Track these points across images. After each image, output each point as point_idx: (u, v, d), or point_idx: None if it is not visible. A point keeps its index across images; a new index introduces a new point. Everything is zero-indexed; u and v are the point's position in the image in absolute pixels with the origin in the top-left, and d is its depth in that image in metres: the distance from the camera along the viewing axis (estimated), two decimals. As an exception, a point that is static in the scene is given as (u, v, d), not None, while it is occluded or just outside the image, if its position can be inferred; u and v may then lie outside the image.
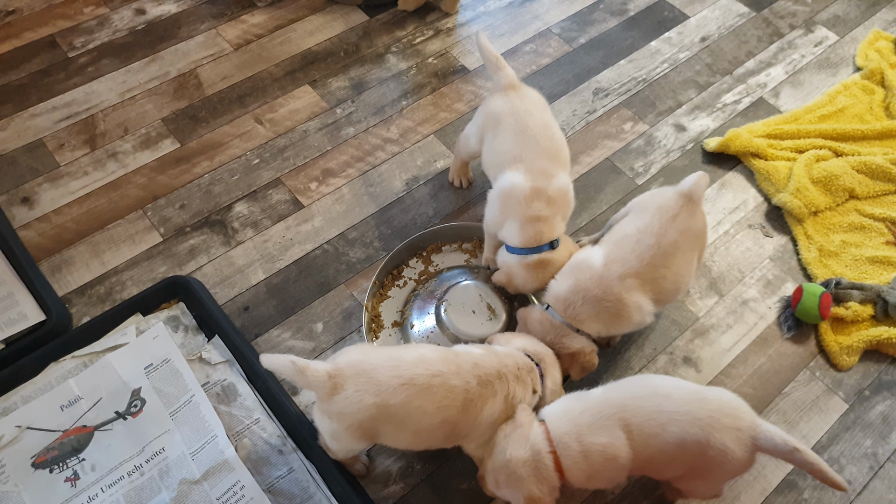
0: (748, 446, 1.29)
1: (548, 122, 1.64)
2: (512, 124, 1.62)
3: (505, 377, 1.31)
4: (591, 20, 2.46)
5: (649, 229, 1.47)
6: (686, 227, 1.48)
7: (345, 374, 1.23)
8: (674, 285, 1.49)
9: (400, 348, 1.32)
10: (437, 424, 1.26)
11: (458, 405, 1.26)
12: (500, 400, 1.30)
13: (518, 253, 1.57)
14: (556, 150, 1.61)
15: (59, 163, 1.98)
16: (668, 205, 1.50)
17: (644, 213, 1.51)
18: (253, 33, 2.33)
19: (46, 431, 1.48)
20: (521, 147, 1.59)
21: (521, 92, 1.67)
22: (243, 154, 2.03)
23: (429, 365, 1.26)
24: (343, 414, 1.24)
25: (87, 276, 1.78)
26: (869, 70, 2.30)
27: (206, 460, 1.45)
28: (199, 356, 1.61)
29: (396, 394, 1.22)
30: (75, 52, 2.24)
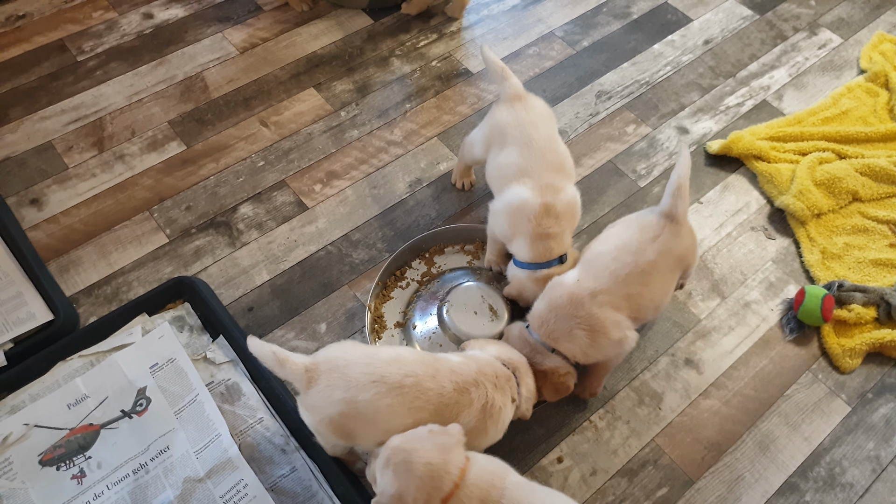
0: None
1: (552, 135, 1.65)
2: (517, 137, 1.62)
3: (482, 385, 1.31)
4: (594, 23, 2.47)
5: (627, 247, 1.47)
6: (667, 248, 1.47)
7: (320, 368, 1.26)
8: (651, 303, 1.48)
9: (379, 348, 1.33)
10: (408, 426, 1.25)
11: (430, 408, 1.26)
12: (478, 409, 1.29)
13: (527, 268, 1.59)
14: (560, 163, 1.62)
15: (67, 165, 2.01)
16: (650, 225, 1.49)
17: (626, 229, 1.52)
18: (259, 37, 2.35)
19: (53, 429, 1.50)
20: (528, 160, 1.60)
21: (526, 103, 1.68)
22: (248, 156, 2.05)
23: (403, 365, 1.27)
24: (315, 407, 1.27)
25: (94, 277, 1.80)
26: (873, 72, 2.30)
27: (210, 459, 1.47)
28: (203, 356, 1.63)
29: (365, 390, 1.23)
30: (84, 55, 2.27)
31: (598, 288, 1.44)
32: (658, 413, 1.65)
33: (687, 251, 1.52)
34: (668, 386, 1.69)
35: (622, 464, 1.58)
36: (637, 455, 1.59)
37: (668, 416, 1.64)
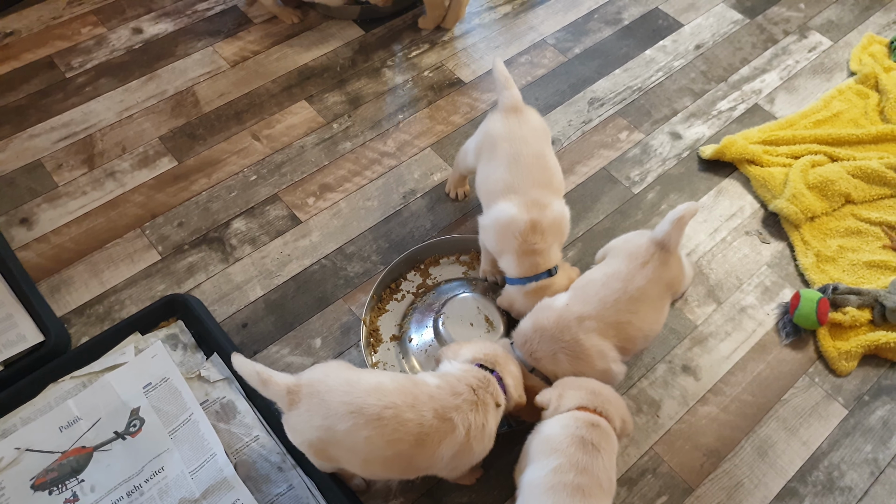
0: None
1: (542, 151, 1.64)
2: (507, 150, 1.62)
3: (462, 409, 1.28)
4: (585, 30, 2.47)
5: (617, 274, 1.46)
6: (657, 276, 1.46)
7: (302, 391, 1.26)
8: (640, 332, 1.46)
9: (362, 373, 1.31)
10: (389, 457, 1.25)
11: (410, 440, 1.24)
12: (462, 434, 1.28)
13: (517, 283, 1.59)
14: (548, 179, 1.62)
15: (57, 183, 2.00)
16: (639, 251, 1.48)
17: (615, 259, 1.51)
18: (249, 50, 2.35)
19: (45, 453, 1.49)
20: (514, 176, 1.59)
21: (522, 116, 1.67)
22: (241, 171, 2.05)
23: (382, 395, 1.25)
24: (295, 430, 1.28)
25: (86, 296, 1.79)
26: (863, 74, 2.30)
27: (206, 479, 1.46)
28: (197, 374, 1.62)
29: (343, 420, 1.22)
30: (73, 72, 2.26)
31: (586, 313, 1.43)
32: (656, 421, 1.64)
33: (674, 280, 1.51)
34: (665, 393, 1.68)
35: (621, 473, 1.57)
36: (636, 464, 1.58)
37: (667, 424, 1.63)
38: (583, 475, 1.22)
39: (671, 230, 1.45)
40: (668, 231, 1.45)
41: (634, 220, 1.97)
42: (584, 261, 1.88)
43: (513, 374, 1.40)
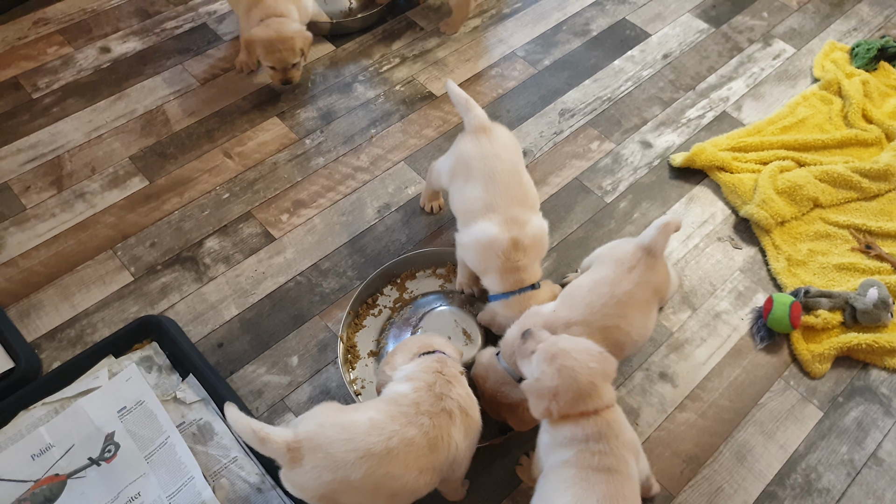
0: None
1: (516, 167, 1.65)
2: (482, 170, 1.62)
3: (444, 394, 1.31)
4: (554, 42, 2.49)
5: (604, 280, 1.47)
6: (644, 280, 1.47)
7: (303, 447, 1.22)
8: (629, 337, 1.46)
9: (351, 413, 1.29)
10: (416, 477, 1.25)
11: (425, 451, 1.26)
12: (459, 414, 1.31)
13: (500, 297, 1.59)
14: (524, 195, 1.63)
15: (25, 205, 1.96)
16: (626, 257, 1.49)
17: (601, 266, 1.52)
18: (219, 67, 2.34)
19: (17, 482, 1.45)
20: (492, 195, 1.60)
21: (491, 135, 1.67)
22: (213, 189, 2.03)
23: (381, 429, 1.24)
24: (304, 487, 1.24)
25: (56, 320, 1.76)
26: (826, 81, 2.35)
27: (184, 502, 1.43)
28: (173, 396, 1.60)
29: (356, 468, 1.21)
30: (39, 92, 2.23)
31: (574, 318, 1.44)
32: (635, 429, 1.64)
33: (661, 285, 1.51)
34: (644, 401, 1.69)
35: (602, 482, 1.57)
36: (617, 473, 1.58)
37: (646, 432, 1.64)
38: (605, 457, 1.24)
39: (657, 235, 1.47)
40: (654, 236, 1.47)
41: (608, 230, 1.99)
42: (558, 271, 1.90)
43: (446, 346, 1.47)
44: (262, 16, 2.09)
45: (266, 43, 2.07)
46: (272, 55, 2.08)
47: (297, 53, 2.12)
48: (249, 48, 2.13)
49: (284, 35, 2.07)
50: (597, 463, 1.22)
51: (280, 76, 2.15)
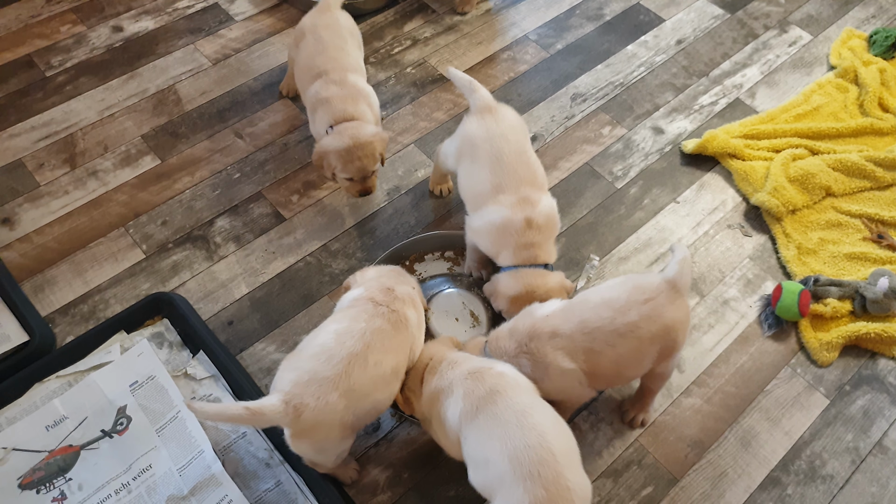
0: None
1: (523, 147, 1.65)
2: (489, 151, 1.62)
3: (394, 289, 1.41)
4: (567, 26, 2.48)
5: (612, 302, 1.38)
6: (657, 314, 1.36)
7: (297, 393, 1.24)
8: (611, 369, 1.39)
9: (314, 342, 1.33)
10: (396, 355, 1.35)
11: (392, 333, 1.35)
12: (410, 305, 1.41)
13: (510, 268, 1.59)
14: (533, 175, 1.63)
15: (39, 182, 1.98)
16: (646, 286, 1.39)
17: (619, 286, 1.42)
18: (231, 48, 2.34)
19: (32, 452, 1.48)
20: (500, 176, 1.60)
21: (497, 114, 1.67)
22: (224, 168, 2.04)
23: (351, 333, 1.31)
24: (317, 424, 1.26)
25: (70, 296, 1.78)
26: (842, 68, 2.33)
27: (194, 476, 1.45)
28: (184, 372, 1.62)
29: (349, 375, 1.27)
30: (53, 70, 2.24)
31: (561, 331, 1.38)
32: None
33: (677, 323, 1.39)
34: (650, 386, 1.70)
35: (606, 465, 1.58)
36: (621, 455, 1.60)
37: (651, 416, 1.65)
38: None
39: (681, 269, 1.38)
40: (678, 270, 1.38)
41: (618, 215, 1.99)
42: (566, 256, 1.90)
43: (414, 282, 1.52)
44: (330, 120, 1.78)
45: (343, 154, 1.74)
46: (350, 165, 1.76)
47: (377, 160, 1.81)
48: (322, 161, 1.78)
49: (362, 141, 1.75)
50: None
51: (358, 187, 1.82)
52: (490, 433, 1.21)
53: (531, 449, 1.16)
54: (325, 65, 1.82)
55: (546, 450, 1.16)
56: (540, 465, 1.15)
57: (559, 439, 1.21)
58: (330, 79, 1.81)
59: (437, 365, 1.38)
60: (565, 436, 1.24)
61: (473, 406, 1.25)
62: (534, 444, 1.16)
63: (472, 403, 1.26)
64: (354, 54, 1.90)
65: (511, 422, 1.20)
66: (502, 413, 1.22)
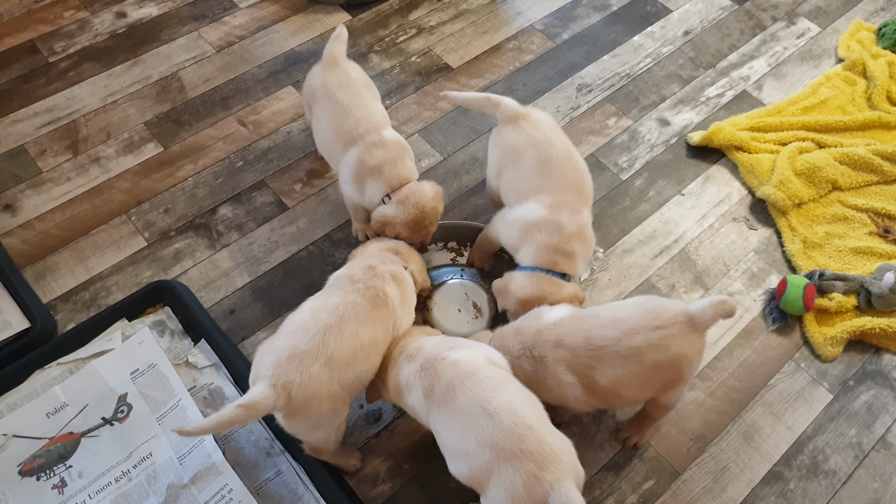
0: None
1: (570, 151, 1.62)
2: (534, 156, 1.58)
3: (377, 267, 1.43)
4: (573, 16, 2.46)
5: (620, 323, 1.33)
6: (665, 344, 1.30)
7: (281, 373, 1.25)
8: (609, 390, 1.34)
9: (293, 320, 1.35)
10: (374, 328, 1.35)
11: (369, 308, 1.36)
12: (392, 282, 1.42)
13: (527, 269, 1.54)
14: (581, 183, 1.60)
15: (41, 169, 1.97)
16: (662, 312, 1.33)
17: (633, 307, 1.37)
18: (235, 35, 2.32)
19: (33, 439, 1.48)
20: (547, 179, 1.57)
21: (532, 119, 1.63)
22: (227, 157, 2.03)
23: (326, 307, 1.34)
24: (312, 397, 1.27)
25: (71, 283, 1.77)
26: (851, 61, 2.31)
27: (194, 464, 1.45)
28: (185, 360, 1.61)
29: (326, 345, 1.28)
30: (56, 56, 2.23)
31: (565, 342, 1.34)
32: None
33: (684, 358, 1.33)
34: (652, 379, 1.69)
35: (608, 458, 1.58)
36: (623, 449, 1.59)
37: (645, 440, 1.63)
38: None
39: (708, 309, 1.31)
40: (704, 309, 1.31)
41: (622, 207, 1.98)
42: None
43: (416, 262, 1.56)
44: (386, 188, 1.66)
45: (411, 224, 1.65)
46: (418, 233, 1.68)
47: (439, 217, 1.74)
48: (385, 228, 1.67)
49: (427, 210, 1.66)
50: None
51: (417, 245, 1.73)
52: (462, 428, 1.20)
53: (507, 430, 1.16)
54: (355, 129, 1.67)
55: (522, 425, 1.16)
56: (520, 441, 1.15)
57: (530, 409, 1.21)
58: (369, 143, 1.66)
59: (399, 356, 1.36)
60: (533, 401, 1.24)
61: (435, 404, 1.25)
62: (508, 425, 1.16)
63: (433, 402, 1.25)
64: (377, 107, 1.75)
65: (478, 412, 1.19)
66: (467, 406, 1.20)
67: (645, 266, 1.87)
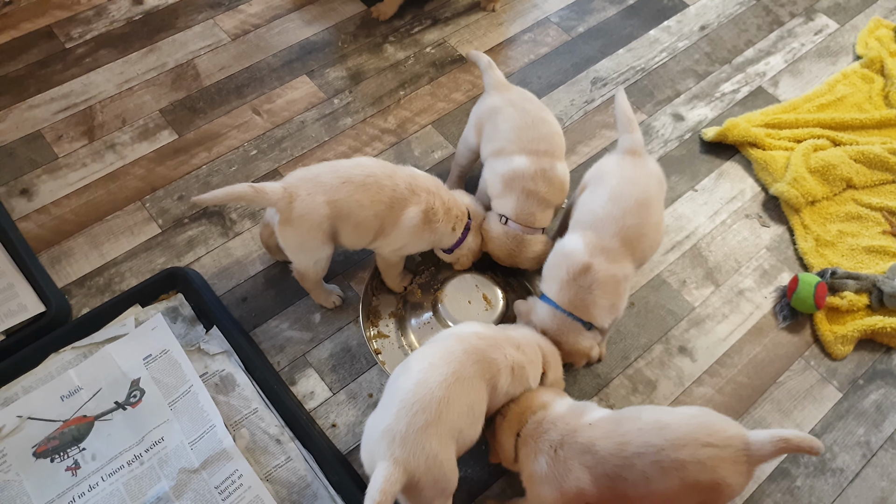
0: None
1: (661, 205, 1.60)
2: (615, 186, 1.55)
3: (433, 193, 1.56)
4: (589, 9, 2.45)
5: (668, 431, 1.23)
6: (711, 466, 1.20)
7: (295, 184, 1.48)
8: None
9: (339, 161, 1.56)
10: (370, 218, 1.51)
11: (386, 201, 1.51)
12: (421, 209, 1.54)
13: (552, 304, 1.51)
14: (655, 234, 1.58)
15: (57, 154, 1.99)
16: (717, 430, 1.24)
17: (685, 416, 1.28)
18: (251, 23, 2.33)
19: (47, 421, 1.50)
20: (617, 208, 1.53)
21: (641, 161, 1.60)
22: (241, 145, 2.04)
23: (364, 168, 1.52)
24: (302, 216, 1.46)
25: (86, 268, 1.79)
26: (869, 58, 2.29)
27: (205, 450, 1.47)
28: (197, 347, 1.63)
29: (340, 190, 1.48)
30: (73, 42, 2.24)
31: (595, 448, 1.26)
32: (652, 401, 1.65)
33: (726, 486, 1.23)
34: (661, 374, 1.69)
35: (616, 452, 1.58)
36: (631, 443, 1.59)
37: (662, 404, 1.65)
38: None
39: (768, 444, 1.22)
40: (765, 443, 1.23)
41: (635, 202, 1.97)
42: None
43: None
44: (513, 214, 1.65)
45: (494, 255, 1.70)
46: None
47: None
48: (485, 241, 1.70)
49: (517, 260, 1.68)
50: None
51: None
52: None
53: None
54: (537, 144, 1.64)
55: None
56: None
57: None
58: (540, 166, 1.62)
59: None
60: None
61: None
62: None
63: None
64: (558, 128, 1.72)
65: None
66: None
67: (656, 261, 1.87)
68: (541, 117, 1.69)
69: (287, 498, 1.45)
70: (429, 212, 1.55)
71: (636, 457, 1.21)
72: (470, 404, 1.26)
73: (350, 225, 1.51)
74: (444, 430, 1.21)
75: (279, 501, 1.43)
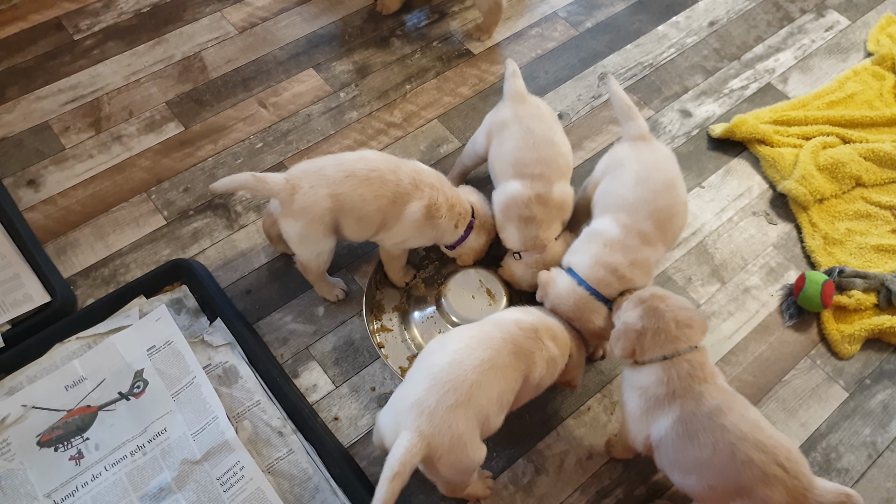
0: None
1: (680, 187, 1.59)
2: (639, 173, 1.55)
3: (436, 188, 1.56)
4: (598, 4, 2.43)
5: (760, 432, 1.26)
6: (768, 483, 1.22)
7: (298, 176, 1.49)
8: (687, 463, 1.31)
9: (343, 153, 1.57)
10: (373, 212, 1.51)
11: (389, 196, 1.51)
12: (424, 204, 1.53)
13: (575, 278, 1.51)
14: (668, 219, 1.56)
15: (64, 145, 2.00)
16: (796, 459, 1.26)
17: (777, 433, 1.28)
18: (258, 16, 2.33)
19: (51, 411, 1.51)
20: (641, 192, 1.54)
21: (652, 146, 1.61)
22: (247, 138, 2.04)
23: (368, 162, 1.52)
24: (304, 209, 1.47)
25: (91, 259, 1.80)
26: (880, 55, 2.27)
27: (207, 441, 1.47)
28: (201, 338, 1.63)
29: (343, 184, 1.48)
30: (81, 34, 2.24)
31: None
32: (655, 398, 1.64)
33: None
34: (665, 371, 1.68)
35: (619, 449, 1.58)
36: (634, 440, 1.59)
37: None
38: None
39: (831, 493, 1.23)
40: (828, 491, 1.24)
41: (641, 198, 1.96)
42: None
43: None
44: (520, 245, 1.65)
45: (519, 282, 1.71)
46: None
47: None
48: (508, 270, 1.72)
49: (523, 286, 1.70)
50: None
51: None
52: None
53: None
54: (533, 166, 1.61)
55: None
56: None
57: None
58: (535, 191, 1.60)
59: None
60: None
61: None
62: None
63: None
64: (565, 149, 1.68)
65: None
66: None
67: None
68: (546, 137, 1.63)
69: (288, 490, 1.45)
70: (431, 207, 1.55)
71: (721, 429, 1.25)
72: (501, 392, 1.29)
73: (353, 218, 1.52)
74: (472, 413, 1.24)
75: (280, 494, 1.44)
